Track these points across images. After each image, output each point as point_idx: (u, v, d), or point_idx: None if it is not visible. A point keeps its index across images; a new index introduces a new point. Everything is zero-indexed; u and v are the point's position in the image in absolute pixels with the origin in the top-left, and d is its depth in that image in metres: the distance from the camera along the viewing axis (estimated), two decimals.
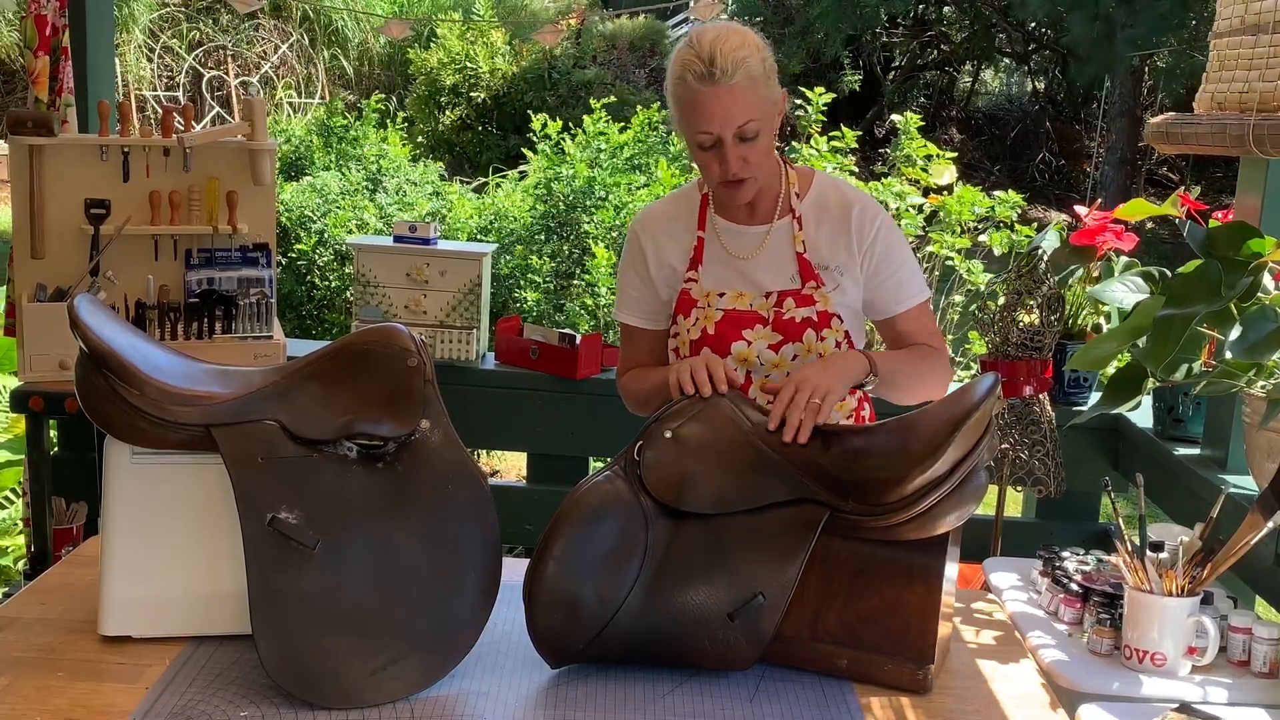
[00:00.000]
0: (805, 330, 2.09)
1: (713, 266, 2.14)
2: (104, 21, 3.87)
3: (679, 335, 2.15)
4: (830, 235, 2.12)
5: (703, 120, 1.97)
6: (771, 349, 2.09)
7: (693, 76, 1.95)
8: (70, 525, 3.34)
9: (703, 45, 1.96)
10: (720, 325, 2.10)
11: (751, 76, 1.96)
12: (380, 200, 7.59)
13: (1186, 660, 1.97)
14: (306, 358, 1.78)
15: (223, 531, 1.70)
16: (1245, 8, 2.37)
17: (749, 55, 1.97)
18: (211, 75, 12.94)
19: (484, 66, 12.38)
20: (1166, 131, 2.59)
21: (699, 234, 2.16)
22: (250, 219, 3.31)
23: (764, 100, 1.99)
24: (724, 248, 2.14)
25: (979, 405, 1.70)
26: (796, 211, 2.13)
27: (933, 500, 1.69)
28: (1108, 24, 11.42)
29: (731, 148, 1.98)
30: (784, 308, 2.09)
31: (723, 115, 1.95)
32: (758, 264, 2.13)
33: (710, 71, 1.94)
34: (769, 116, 2.02)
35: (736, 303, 2.11)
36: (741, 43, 1.98)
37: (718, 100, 1.95)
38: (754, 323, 2.10)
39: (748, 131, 1.98)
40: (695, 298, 2.13)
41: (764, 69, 2.00)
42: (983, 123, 15.71)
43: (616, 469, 1.78)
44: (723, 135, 1.97)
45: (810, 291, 2.10)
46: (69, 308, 1.70)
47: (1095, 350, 2.21)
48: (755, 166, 2.02)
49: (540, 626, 1.69)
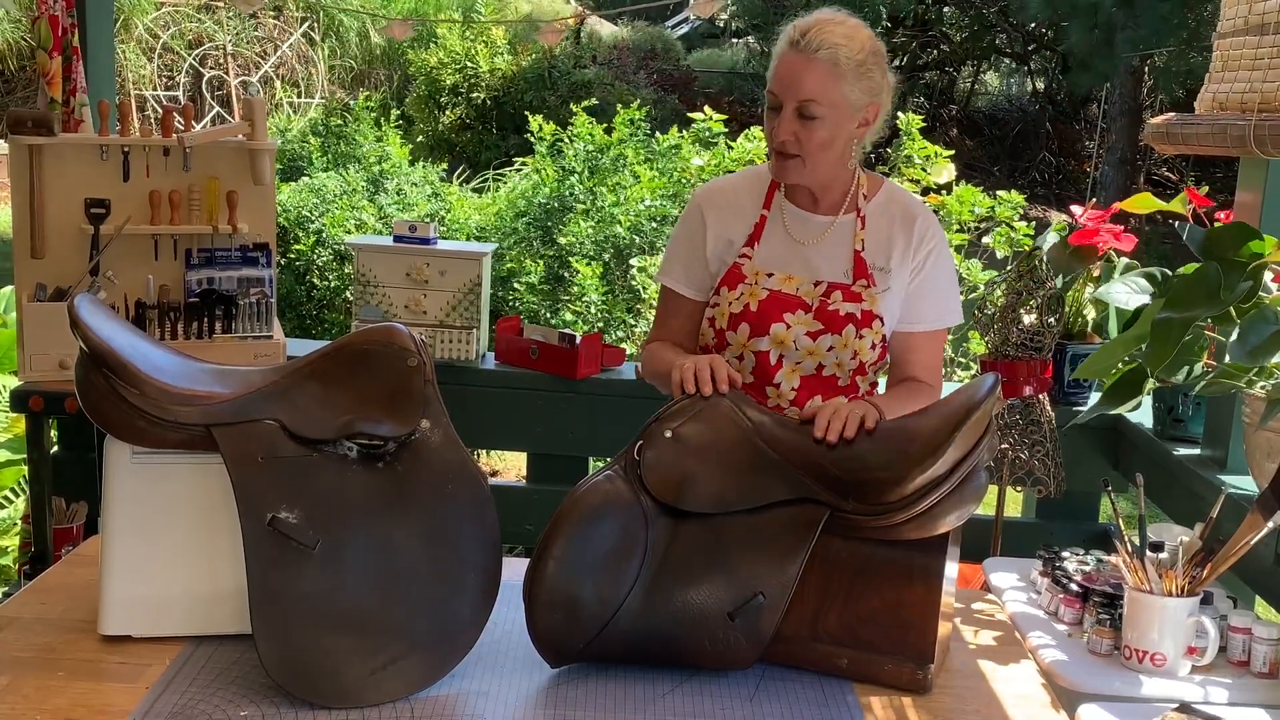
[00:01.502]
0: (847, 325, 2.10)
1: (770, 246, 2.16)
2: (104, 21, 3.87)
3: (719, 306, 2.16)
4: (889, 239, 2.15)
5: (774, 79, 2.05)
6: (810, 336, 2.11)
7: (786, 40, 2.04)
8: (70, 525, 3.34)
9: (812, 18, 2.03)
10: (764, 304, 2.11)
11: (835, 62, 2.00)
12: (380, 201, 7.59)
13: (1186, 660, 1.97)
14: (306, 357, 1.78)
15: (223, 531, 1.70)
16: (1249, 8, 2.37)
17: (844, 45, 2.01)
18: (211, 75, 12.94)
19: (484, 66, 12.37)
20: (1166, 132, 2.59)
21: (763, 212, 2.17)
22: (250, 219, 3.31)
23: (840, 93, 2.02)
24: (786, 230, 2.16)
25: (979, 405, 1.70)
26: (862, 211, 2.15)
27: (933, 500, 1.69)
28: (1107, 30, 11.42)
29: (788, 118, 2.03)
30: (831, 299, 2.11)
31: (790, 82, 2.01)
32: (815, 252, 2.15)
33: (799, 40, 2.01)
34: (840, 112, 2.04)
35: (784, 285, 2.13)
36: (846, 34, 2.02)
37: (793, 66, 2.01)
38: (797, 308, 2.11)
39: (809, 110, 2.01)
40: (745, 273, 2.14)
41: (855, 66, 2.02)
42: (983, 123, 15.71)
43: (616, 469, 1.78)
44: (784, 101, 2.03)
45: (860, 289, 2.12)
46: (69, 307, 1.70)
47: (1099, 360, 2.22)
48: (807, 150, 2.05)
49: (540, 626, 1.69)
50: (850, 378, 2.16)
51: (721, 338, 2.15)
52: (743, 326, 2.12)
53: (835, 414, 1.82)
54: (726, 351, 2.15)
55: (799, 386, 2.14)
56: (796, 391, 2.14)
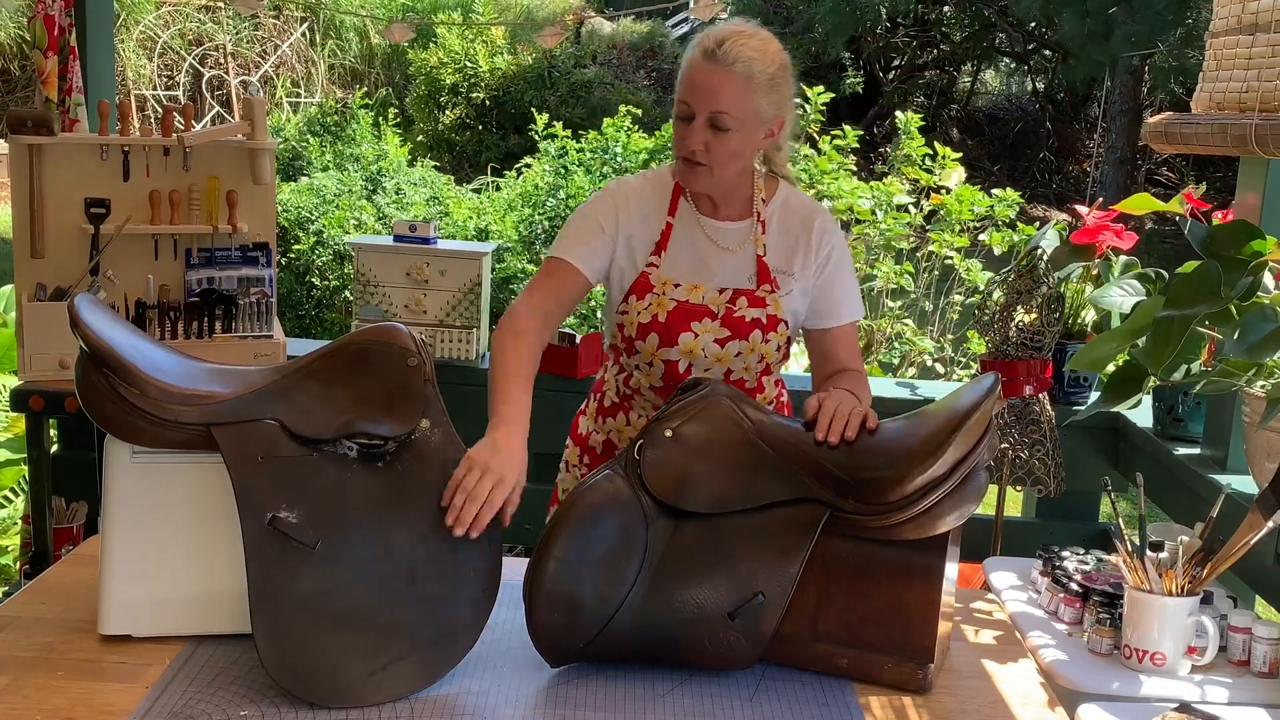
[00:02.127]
0: (753, 330, 2.12)
1: (676, 254, 2.16)
2: (104, 21, 3.87)
3: (627, 315, 2.15)
4: (790, 243, 2.16)
5: (687, 90, 2.03)
6: (718, 343, 2.12)
7: (700, 50, 2.02)
8: (70, 525, 3.34)
9: (724, 29, 2.03)
10: (672, 315, 2.12)
11: (750, 75, 2.00)
12: (378, 201, 7.59)
13: (1186, 660, 1.97)
14: (306, 357, 1.78)
15: (223, 531, 1.70)
16: (1242, 7, 2.37)
17: (759, 59, 2.01)
18: (211, 74, 12.94)
19: (484, 66, 12.37)
20: (1165, 131, 2.59)
21: (669, 219, 2.17)
22: (250, 218, 3.31)
23: (751, 106, 2.02)
24: (691, 237, 2.16)
25: (979, 405, 1.70)
26: (761, 215, 2.17)
27: (933, 500, 1.69)
28: (1100, 22, 11.42)
29: (700, 127, 2.02)
30: (736, 305, 2.13)
31: (704, 93, 2.00)
32: (719, 259, 2.15)
33: (714, 50, 2.00)
34: (750, 125, 2.05)
35: (691, 295, 2.13)
36: (760, 47, 2.03)
37: (707, 77, 2.00)
38: (704, 316, 2.12)
39: (721, 121, 2.01)
40: (653, 283, 2.14)
41: (767, 80, 2.03)
42: (983, 122, 15.71)
43: (617, 468, 1.78)
44: (697, 112, 2.01)
45: (764, 294, 2.13)
46: (69, 307, 1.70)
47: (1095, 351, 2.21)
48: (715, 160, 2.05)
49: (540, 626, 1.69)
50: (758, 379, 2.19)
51: (630, 345, 2.16)
52: (651, 336, 2.12)
53: (836, 415, 1.82)
54: (636, 358, 2.16)
55: None
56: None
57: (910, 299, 5.50)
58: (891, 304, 5.51)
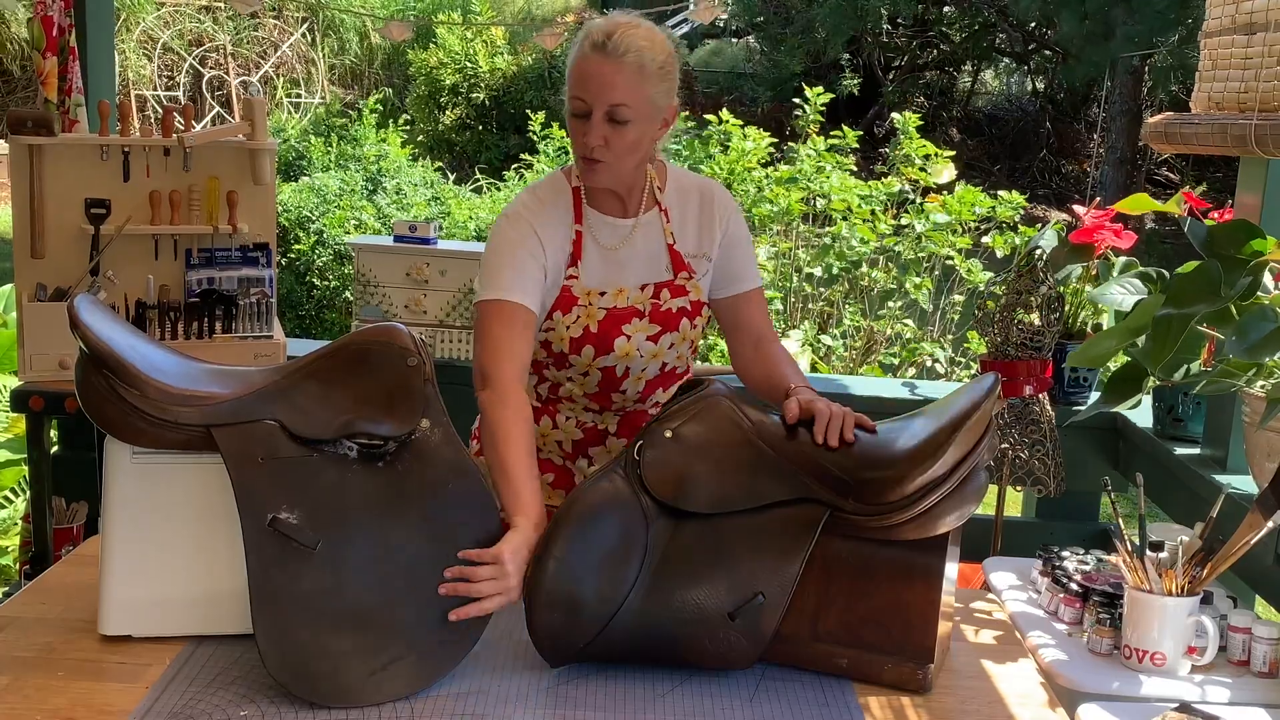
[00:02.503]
0: (681, 320, 2.14)
1: (591, 262, 2.13)
2: (104, 21, 3.87)
3: (554, 330, 2.10)
4: (695, 224, 2.17)
5: (580, 86, 1.99)
6: (650, 340, 2.12)
7: (589, 43, 1.99)
8: (70, 525, 3.34)
9: (610, 22, 2.01)
10: (603, 324, 2.10)
11: (641, 65, 1.98)
12: (379, 201, 7.59)
13: (1186, 660, 1.97)
14: (306, 357, 1.78)
15: (223, 531, 1.70)
16: (1235, 7, 2.37)
17: (648, 49, 1.99)
18: (211, 75, 12.94)
19: (484, 66, 12.37)
20: (1165, 131, 2.59)
21: (576, 228, 2.13)
22: (250, 218, 3.31)
23: (646, 96, 2.00)
24: (601, 242, 2.14)
25: (979, 405, 1.70)
26: (662, 204, 2.16)
27: (933, 500, 1.69)
28: (1099, 22, 11.43)
29: (598, 123, 1.99)
30: (661, 299, 2.13)
31: (599, 86, 1.97)
32: (633, 256, 2.14)
33: (604, 43, 1.97)
34: (647, 116, 2.02)
35: (616, 300, 2.12)
36: (647, 36, 2.00)
37: (600, 70, 1.97)
38: (632, 317, 2.12)
39: (618, 114, 1.98)
40: (576, 295, 2.10)
41: (658, 69, 2.01)
42: (983, 123, 15.72)
43: (617, 468, 1.78)
44: (593, 107, 1.98)
45: (683, 282, 2.14)
46: (69, 308, 1.70)
47: (1094, 348, 2.21)
48: (614, 155, 2.02)
49: (540, 626, 1.69)
50: (687, 364, 2.23)
51: (562, 359, 2.12)
52: (587, 349, 2.10)
53: (833, 417, 1.82)
54: (569, 370, 2.13)
55: (644, 388, 2.18)
56: (641, 392, 2.18)
57: (910, 299, 5.50)
58: (891, 304, 5.51)
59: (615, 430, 2.21)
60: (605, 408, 2.19)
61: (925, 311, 5.57)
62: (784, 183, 5.72)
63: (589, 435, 2.21)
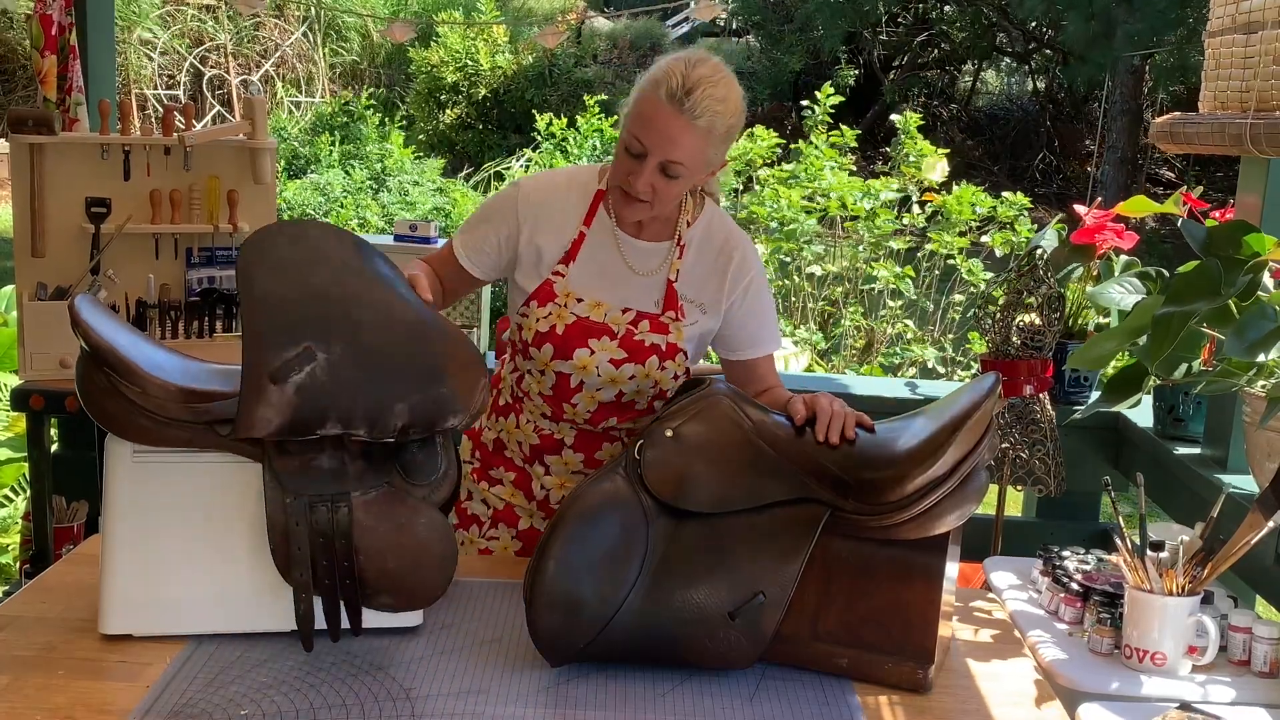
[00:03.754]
0: (651, 355, 2.07)
1: (585, 266, 2.10)
2: (104, 21, 3.87)
3: (527, 319, 2.10)
4: (706, 272, 2.12)
5: (645, 131, 1.95)
6: (613, 364, 2.06)
7: (666, 91, 1.93)
8: (70, 524, 3.34)
9: (693, 73, 1.94)
10: (570, 329, 2.06)
11: (712, 129, 1.95)
12: (383, 199, 7.60)
13: (1187, 660, 1.97)
14: None
15: (223, 531, 1.71)
16: (1235, 7, 2.37)
17: (724, 112, 1.96)
18: (212, 74, 12.94)
19: (485, 64, 12.38)
20: (1170, 131, 2.59)
21: (583, 229, 2.11)
22: (251, 218, 3.32)
23: (706, 157, 1.99)
24: (603, 251, 2.11)
25: (979, 405, 1.70)
26: (682, 240, 2.12)
27: (933, 500, 1.69)
28: (1105, 22, 11.43)
29: (650, 170, 1.96)
30: (638, 328, 2.08)
31: (664, 140, 1.94)
32: (629, 278, 2.10)
33: (684, 99, 1.92)
34: (699, 171, 2.01)
35: (592, 311, 2.08)
36: (725, 96, 1.96)
37: (670, 125, 1.93)
38: (603, 334, 2.07)
39: (673, 170, 1.96)
40: (556, 293, 2.09)
41: (726, 131, 1.99)
42: (983, 122, 15.71)
43: (617, 468, 1.78)
44: (650, 153, 1.95)
45: (668, 321, 2.08)
46: (69, 307, 1.70)
47: (1095, 349, 2.21)
48: (658, 201, 2.01)
49: (541, 626, 1.69)
50: (648, 403, 2.14)
51: (526, 348, 2.11)
52: (546, 347, 2.07)
53: (835, 415, 1.82)
54: (530, 363, 2.12)
55: (595, 410, 2.12)
56: (592, 413, 2.12)
57: (910, 299, 5.50)
58: (892, 304, 5.51)
59: (572, 444, 2.16)
60: (559, 417, 2.14)
61: (925, 311, 5.58)
62: (785, 181, 5.72)
63: (545, 442, 2.17)
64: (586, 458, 2.16)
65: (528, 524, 2.22)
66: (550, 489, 2.19)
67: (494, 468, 2.24)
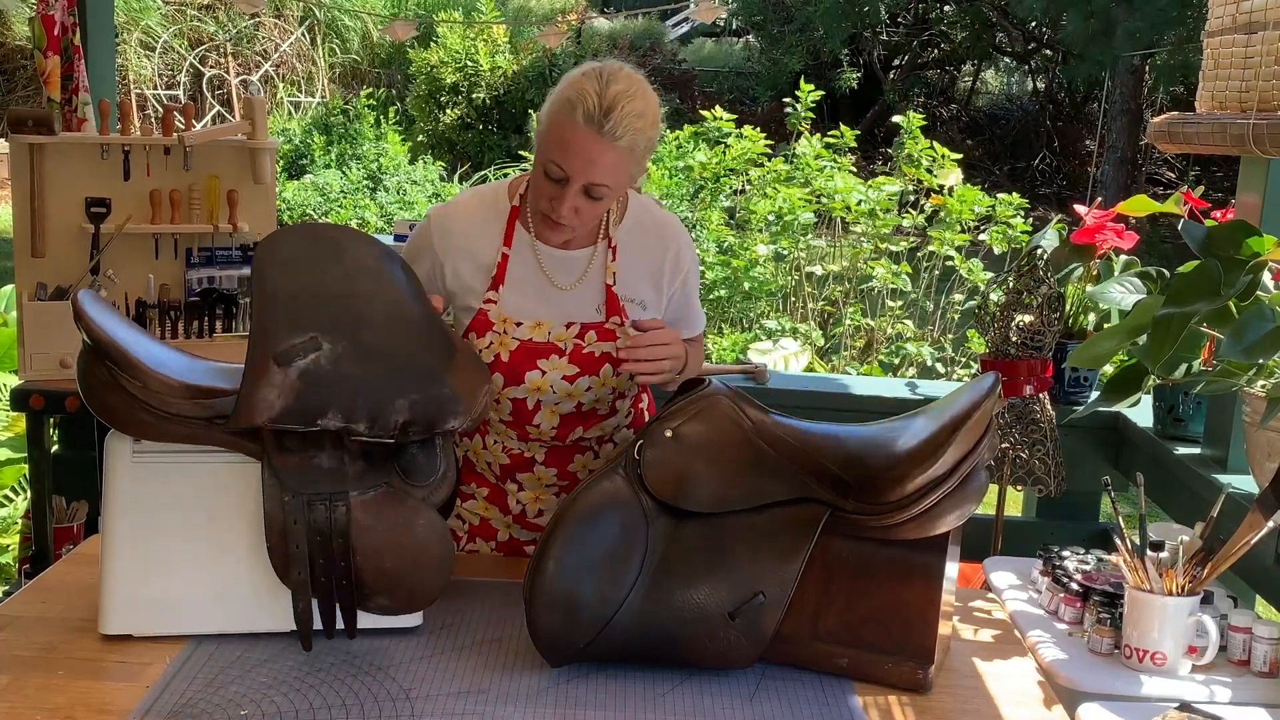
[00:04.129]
0: (603, 365, 2.04)
1: (515, 288, 2.04)
2: (104, 21, 3.88)
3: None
4: (643, 268, 2.07)
5: (565, 156, 1.87)
6: (566, 380, 2.03)
7: (583, 113, 1.85)
8: (70, 524, 3.34)
9: (608, 91, 1.87)
10: (515, 355, 2.02)
11: (633, 148, 1.89)
12: (381, 199, 7.59)
13: (1186, 659, 1.97)
14: None
15: (223, 531, 1.71)
16: (1235, 7, 2.36)
17: (644, 129, 1.90)
18: (212, 74, 12.94)
19: (484, 65, 12.37)
20: (1169, 131, 2.59)
21: (504, 250, 2.04)
22: (251, 218, 3.32)
23: (629, 174, 1.94)
24: (530, 269, 2.04)
25: (979, 405, 1.70)
26: (612, 240, 2.05)
27: (933, 500, 1.69)
28: (1104, 21, 11.43)
29: (574, 194, 1.90)
30: (585, 340, 2.03)
31: (585, 164, 1.87)
32: (564, 291, 2.05)
33: (602, 121, 1.85)
34: (623, 188, 1.97)
35: (534, 333, 2.03)
36: (643, 110, 1.89)
37: (590, 149, 1.86)
38: (551, 353, 2.02)
39: (597, 192, 1.90)
40: (493, 320, 2.03)
41: (646, 146, 1.93)
42: (983, 122, 15.72)
43: (617, 468, 1.78)
44: (572, 179, 1.89)
45: (613, 327, 2.04)
46: (72, 300, 1.70)
47: (1094, 348, 2.21)
48: (582, 222, 1.96)
49: (541, 626, 1.69)
50: (610, 405, 2.12)
51: None
52: (496, 376, 2.01)
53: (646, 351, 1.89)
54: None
55: (559, 425, 2.09)
56: (557, 429, 2.09)
57: (910, 299, 5.51)
58: (892, 304, 5.51)
59: (543, 460, 2.13)
60: (525, 437, 2.11)
61: (925, 311, 5.58)
62: (784, 180, 5.72)
63: (515, 461, 2.14)
64: (560, 471, 2.14)
65: (506, 535, 2.21)
66: (526, 503, 2.18)
67: (466, 484, 2.21)
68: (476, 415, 1.74)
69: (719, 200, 6.06)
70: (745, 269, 5.56)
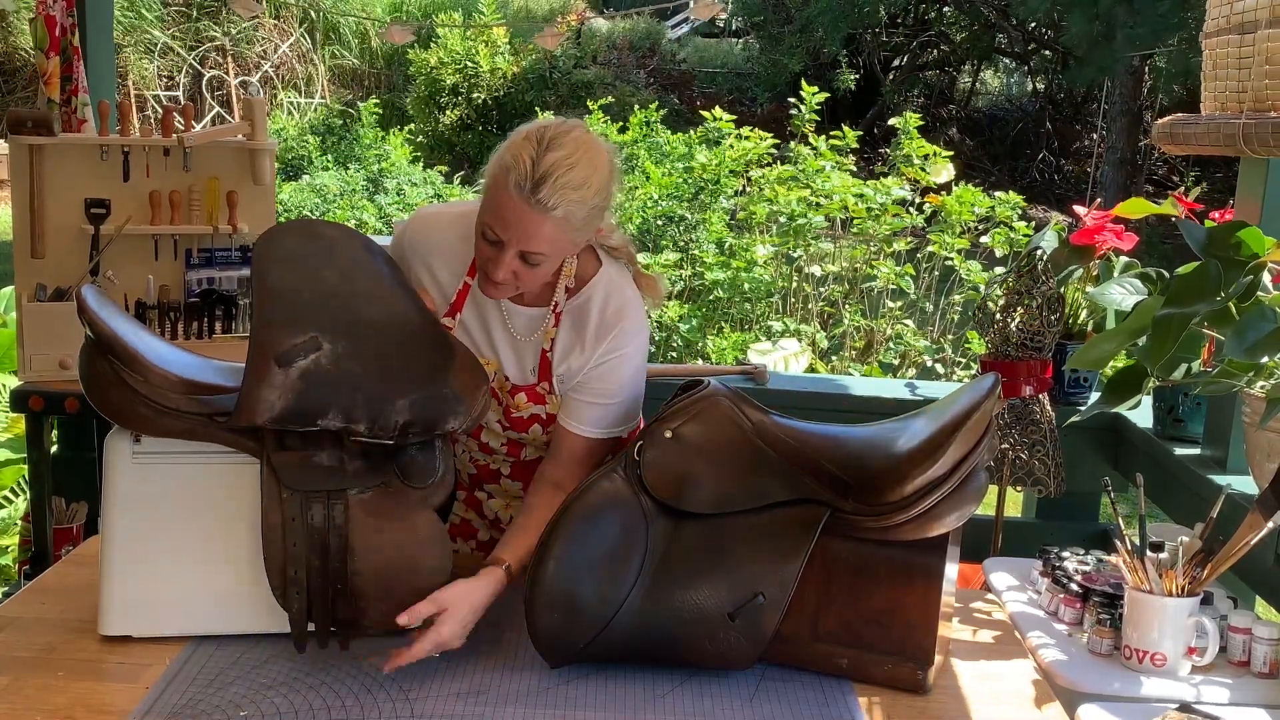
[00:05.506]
0: (533, 425, 2.00)
1: (468, 322, 1.99)
2: (104, 21, 3.87)
3: None
4: (577, 348, 1.96)
5: (498, 222, 1.78)
6: (500, 425, 2.02)
7: (514, 181, 1.75)
8: (70, 525, 3.34)
9: (544, 159, 1.76)
10: None
11: (569, 218, 1.78)
12: (379, 201, 7.59)
13: (1186, 660, 1.97)
14: None
15: (223, 531, 1.71)
16: (1231, 8, 2.37)
17: (582, 199, 1.78)
18: (212, 75, 12.94)
19: (484, 66, 12.37)
20: (1171, 132, 2.59)
21: (466, 280, 1.98)
22: (250, 219, 3.31)
23: (570, 241, 1.84)
24: (484, 307, 1.99)
25: (979, 405, 1.70)
26: (559, 308, 1.96)
27: (933, 500, 1.69)
28: (1107, 24, 11.44)
29: (509, 259, 1.81)
30: (515, 401, 1.98)
31: (519, 233, 1.78)
32: (506, 342, 1.99)
33: (533, 191, 1.75)
34: (565, 255, 1.89)
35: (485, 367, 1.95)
36: (583, 180, 1.78)
37: (523, 219, 1.77)
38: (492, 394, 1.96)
39: (532, 259, 1.81)
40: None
41: (588, 212, 1.81)
42: (983, 123, 15.72)
43: (617, 468, 1.78)
44: (508, 246, 1.79)
45: (543, 392, 1.98)
46: (76, 295, 1.71)
47: (1094, 350, 2.21)
48: (523, 284, 1.87)
49: (540, 626, 1.69)
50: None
51: None
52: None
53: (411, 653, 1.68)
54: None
55: (508, 445, 2.06)
56: (508, 448, 2.07)
57: (910, 299, 5.51)
58: (891, 304, 5.52)
59: (509, 473, 2.11)
60: (486, 451, 2.08)
61: (925, 311, 5.58)
62: (784, 182, 5.72)
63: (482, 473, 2.12)
64: (525, 483, 2.09)
65: (487, 536, 2.20)
66: (498, 510, 2.17)
67: None
68: (476, 416, 1.74)
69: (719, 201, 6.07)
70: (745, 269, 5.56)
